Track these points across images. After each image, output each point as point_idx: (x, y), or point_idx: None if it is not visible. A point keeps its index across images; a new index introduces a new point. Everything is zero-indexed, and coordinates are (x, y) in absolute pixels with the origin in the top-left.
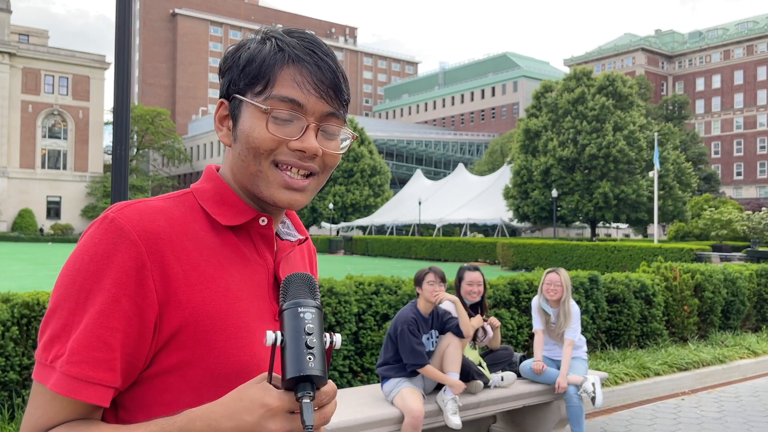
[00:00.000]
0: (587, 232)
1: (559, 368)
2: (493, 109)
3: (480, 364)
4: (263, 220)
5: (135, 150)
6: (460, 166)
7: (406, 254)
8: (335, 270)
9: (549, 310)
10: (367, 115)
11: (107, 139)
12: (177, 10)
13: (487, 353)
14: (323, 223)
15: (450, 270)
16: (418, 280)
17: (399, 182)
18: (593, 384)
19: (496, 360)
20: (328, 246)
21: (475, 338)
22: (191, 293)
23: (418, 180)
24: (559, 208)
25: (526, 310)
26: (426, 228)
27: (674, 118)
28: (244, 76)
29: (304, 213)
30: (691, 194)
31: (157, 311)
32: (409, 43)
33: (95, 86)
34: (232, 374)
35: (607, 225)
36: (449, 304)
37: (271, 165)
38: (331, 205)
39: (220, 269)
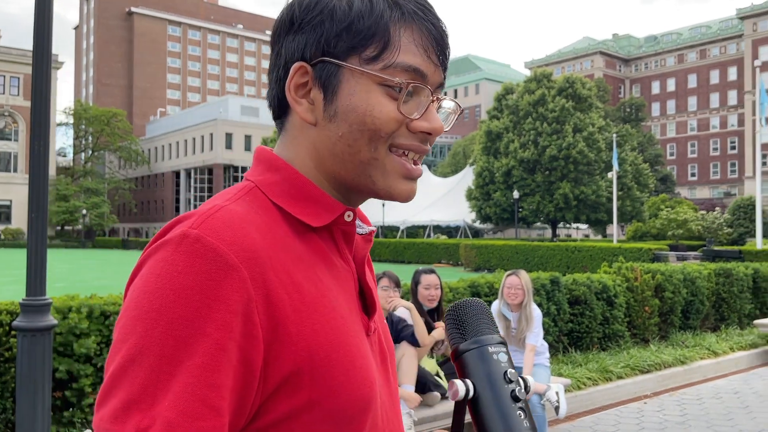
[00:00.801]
0: (548, 233)
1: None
2: None
3: (437, 374)
4: (349, 215)
5: (90, 152)
6: (423, 167)
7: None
8: None
9: (509, 315)
10: None
11: (60, 140)
12: (133, 9)
13: (445, 362)
14: None
15: (413, 271)
16: None
17: None
18: (557, 392)
19: (454, 369)
20: None
21: (432, 347)
22: (301, 323)
23: None
24: (520, 209)
25: None
26: (390, 230)
27: (631, 120)
28: (348, 35)
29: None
30: (649, 195)
31: (263, 353)
32: None
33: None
34: (357, 413)
35: (568, 225)
36: (404, 311)
37: (387, 151)
38: None
39: (320, 285)
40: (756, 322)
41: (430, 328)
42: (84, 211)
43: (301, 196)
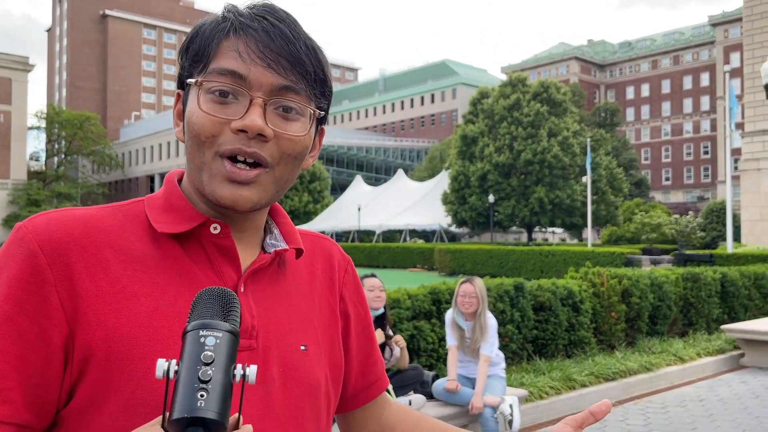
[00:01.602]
0: (525, 237)
1: (474, 387)
2: (433, 115)
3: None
4: (215, 228)
5: (63, 156)
6: (400, 171)
7: None
8: None
9: (463, 324)
10: None
11: (31, 144)
12: (108, 12)
13: (394, 374)
14: None
15: (388, 276)
16: None
17: (340, 188)
18: (511, 405)
19: (404, 382)
20: None
21: None
22: (104, 313)
23: (358, 186)
24: (496, 213)
25: None
26: (366, 234)
27: (606, 125)
28: (188, 56)
29: None
30: (623, 199)
31: (66, 332)
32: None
33: (18, 89)
34: (155, 409)
35: (544, 230)
36: None
37: (215, 156)
38: None
39: (149, 286)
40: (723, 327)
41: None
42: None
43: (168, 208)
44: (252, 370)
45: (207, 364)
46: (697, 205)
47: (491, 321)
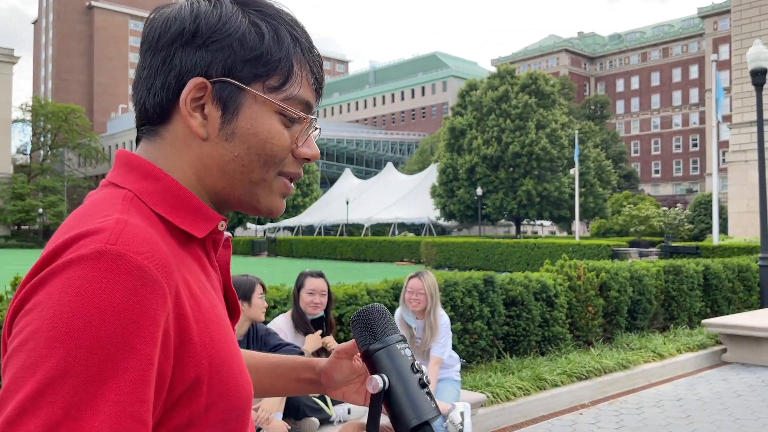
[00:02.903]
0: (514, 230)
1: None
2: (423, 108)
3: (322, 396)
4: (222, 225)
5: (48, 149)
6: (389, 165)
7: (332, 255)
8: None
9: (412, 323)
10: None
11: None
12: (94, 3)
13: None
14: (249, 224)
15: (373, 270)
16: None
17: (330, 182)
18: (462, 413)
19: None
20: (251, 248)
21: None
22: (200, 332)
23: (347, 179)
24: (484, 206)
25: None
26: (355, 228)
27: (596, 118)
28: (257, 63)
29: (228, 214)
30: (612, 191)
31: (172, 362)
32: (342, 42)
33: (2, 81)
34: (243, 410)
35: (532, 222)
36: (284, 320)
37: (277, 175)
38: None
39: (208, 294)
40: (704, 321)
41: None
42: (40, 210)
43: (181, 207)
44: (424, 370)
45: (418, 371)
46: (686, 198)
47: (443, 319)
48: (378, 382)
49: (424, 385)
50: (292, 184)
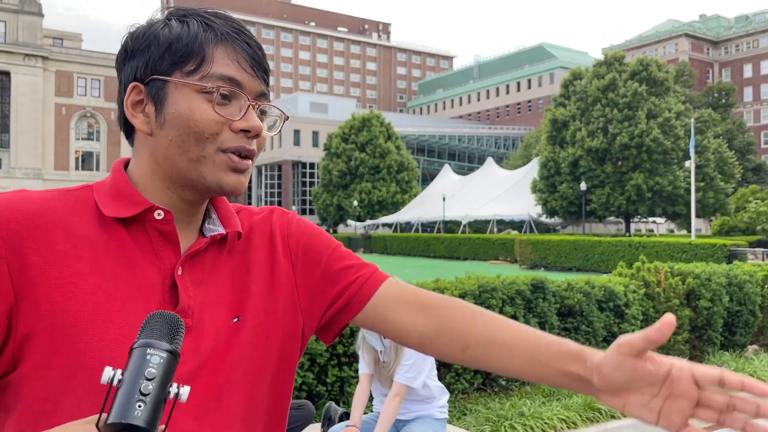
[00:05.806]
0: (624, 228)
1: (398, 430)
2: (530, 101)
3: None
4: (159, 213)
5: None
6: (490, 160)
7: (425, 252)
8: None
9: (377, 344)
10: (401, 111)
11: None
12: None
13: None
14: (349, 222)
15: (461, 268)
16: None
17: (431, 178)
18: None
19: (289, 424)
20: (348, 244)
21: None
22: (50, 289)
23: (446, 175)
24: (589, 202)
25: None
26: (453, 224)
27: (720, 107)
28: (170, 54)
29: (331, 211)
30: (735, 186)
31: (12, 301)
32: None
33: None
34: (93, 380)
35: (645, 220)
36: None
37: (217, 151)
38: (356, 203)
39: (94, 265)
40: None
41: None
42: None
43: (116, 194)
44: (185, 390)
45: (149, 380)
46: None
47: None
48: (106, 373)
49: (143, 393)
50: (248, 161)
